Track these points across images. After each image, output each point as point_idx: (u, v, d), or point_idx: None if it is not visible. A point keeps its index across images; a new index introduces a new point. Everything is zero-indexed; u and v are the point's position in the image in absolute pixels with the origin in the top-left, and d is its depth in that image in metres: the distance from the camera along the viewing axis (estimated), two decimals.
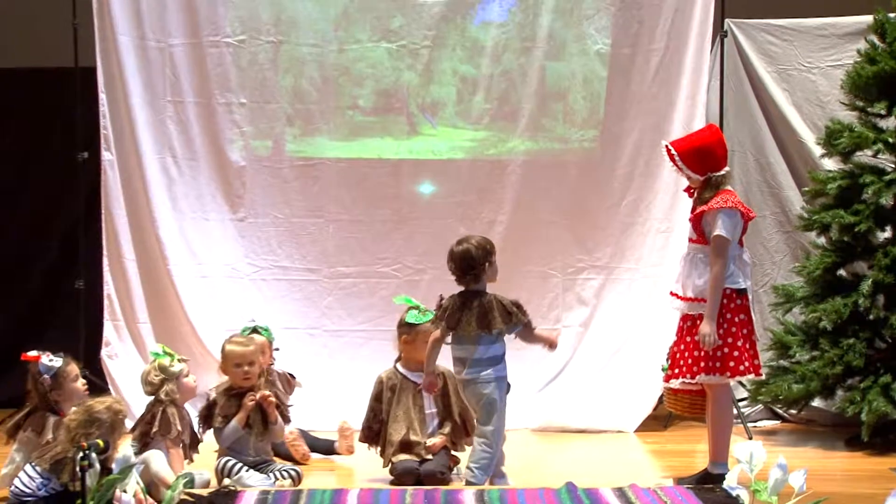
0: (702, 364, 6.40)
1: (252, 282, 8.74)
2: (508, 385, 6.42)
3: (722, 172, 6.50)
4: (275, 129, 8.75)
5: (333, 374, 8.44)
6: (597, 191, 8.83)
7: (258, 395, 6.63)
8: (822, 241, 8.22)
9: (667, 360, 6.98)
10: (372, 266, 8.80)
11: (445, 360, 6.71)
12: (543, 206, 8.81)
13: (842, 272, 8.12)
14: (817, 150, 8.38)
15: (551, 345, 6.52)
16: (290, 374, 7.63)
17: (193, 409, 6.88)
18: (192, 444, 6.56)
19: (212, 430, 6.72)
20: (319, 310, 8.76)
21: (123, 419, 5.80)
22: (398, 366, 6.85)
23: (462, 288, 6.44)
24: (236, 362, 6.67)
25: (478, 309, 6.26)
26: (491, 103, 8.78)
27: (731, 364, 6.38)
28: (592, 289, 8.82)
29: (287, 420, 6.94)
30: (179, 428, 6.35)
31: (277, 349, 7.62)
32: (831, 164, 8.32)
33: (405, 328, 6.78)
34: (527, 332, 6.41)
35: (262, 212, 8.74)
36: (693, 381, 6.45)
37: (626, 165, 8.80)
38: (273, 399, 6.68)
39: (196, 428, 6.64)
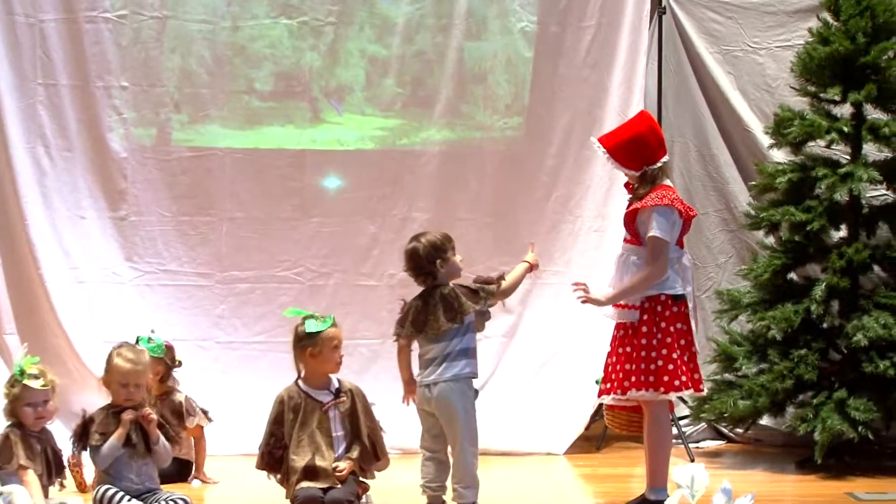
0: (633, 378, 6.38)
1: (135, 288, 8.67)
2: (476, 391, 6.50)
3: (658, 165, 6.47)
4: (160, 116, 8.68)
5: (227, 392, 8.34)
6: (522, 185, 8.85)
7: (143, 412, 6.52)
8: (770, 240, 8.27)
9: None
10: (270, 269, 8.77)
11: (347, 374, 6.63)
12: (462, 201, 8.83)
13: (792, 276, 8.16)
14: (765, 140, 8.40)
15: (532, 268, 6.66)
16: (187, 407, 7.53)
17: (68, 429, 6.72)
18: (58, 471, 6.49)
19: (88, 449, 6.58)
20: (211, 319, 8.72)
21: None
22: (300, 383, 6.71)
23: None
24: (121, 381, 6.54)
25: (441, 302, 6.38)
26: (403, 88, 8.78)
27: (666, 378, 6.34)
28: (517, 294, 8.11)
29: (174, 442, 6.80)
30: (22, 462, 6.25)
31: (179, 363, 7.61)
32: (780, 156, 8.36)
33: (307, 340, 6.63)
34: (505, 288, 6.54)
35: (146, 209, 8.67)
36: (624, 398, 6.45)
37: (554, 156, 8.82)
38: (154, 417, 6.56)
39: (72, 450, 6.59)
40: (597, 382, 6.98)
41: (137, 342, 7.17)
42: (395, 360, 6.64)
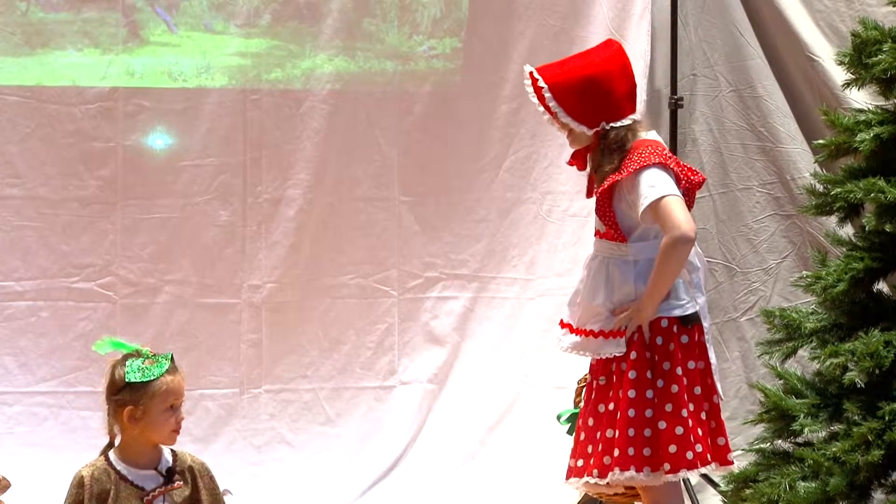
0: (618, 451, 6.13)
1: None
2: None
3: (625, 122, 6.32)
4: None
5: None
6: (459, 145, 8.82)
7: None
8: (847, 232, 7.85)
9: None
10: (65, 279, 8.62)
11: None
12: (366, 172, 8.76)
13: (882, 286, 7.65)
14: (839, 75, 8.10)
15: None
16: None
17: None
18: None
19: None
20: None
21: None
22: (113, 457, 6.14)
23: None
24: None
25: None
26: None
27: (673, 449, 6.10)
28: (453, 316, 8.89)
29: None
30: None
31: None
32: (863, 99, 7.99)
33: (127, 393, 5.98)
34: None
35: None
36: (604, 482, 6.25)
37: (508, 99, 8.80)
38: None
39: None
40: None
41: None
42: (257, 419, 7.08)
